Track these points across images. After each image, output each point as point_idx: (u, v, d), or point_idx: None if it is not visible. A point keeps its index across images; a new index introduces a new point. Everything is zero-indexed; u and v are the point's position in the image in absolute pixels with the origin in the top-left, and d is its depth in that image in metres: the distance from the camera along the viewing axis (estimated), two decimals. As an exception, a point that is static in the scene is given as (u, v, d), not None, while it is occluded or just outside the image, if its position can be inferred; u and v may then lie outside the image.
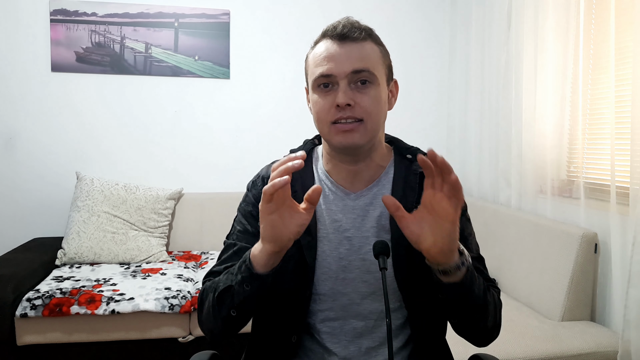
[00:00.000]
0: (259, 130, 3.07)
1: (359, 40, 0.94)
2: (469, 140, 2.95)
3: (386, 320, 0.77)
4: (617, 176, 1.83)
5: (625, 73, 1.86)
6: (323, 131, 0.97)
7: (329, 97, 0.93)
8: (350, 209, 0.99)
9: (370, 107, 0.92)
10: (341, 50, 0.93)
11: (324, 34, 0.97)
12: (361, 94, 0.92)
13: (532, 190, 2.35)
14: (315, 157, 1.07)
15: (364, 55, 0.93)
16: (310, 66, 0.98)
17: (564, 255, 1.95)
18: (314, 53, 0.97)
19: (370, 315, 0.98)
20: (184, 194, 2.89)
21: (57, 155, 2.86)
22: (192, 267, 2.55)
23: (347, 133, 0.92)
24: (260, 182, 1.05)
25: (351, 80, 0.92)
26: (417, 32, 3.21)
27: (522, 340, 1.75)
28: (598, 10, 2.05)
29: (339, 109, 0.91)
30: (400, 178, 1.01)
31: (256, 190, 1.05)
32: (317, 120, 0.97)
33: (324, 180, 1.02)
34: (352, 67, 0.92)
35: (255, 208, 1.02)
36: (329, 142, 0.97)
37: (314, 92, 0.96)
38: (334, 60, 0.92)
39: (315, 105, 0.96)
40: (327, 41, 0.95)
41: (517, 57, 2.39)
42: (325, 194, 1.01)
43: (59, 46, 2.81)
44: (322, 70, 0.93)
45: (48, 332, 2.05)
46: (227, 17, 2.97)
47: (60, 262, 2.50)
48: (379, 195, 1.00)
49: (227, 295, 0.89)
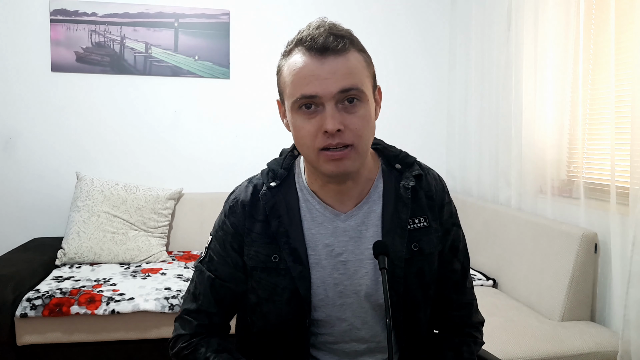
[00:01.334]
0: (258, 130, 3.07)
1: (342, 52, 0.83)
2: (469, 140, 2.94)
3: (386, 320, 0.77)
4: (617, 176, 1.83)
5: (625, 73, 1.86)
6: (310, 158, 0.87)
7: (313, 121, 0.83)
8: (341, 232, 0.93)
9: (361, 129, 0.84)
10: (324, 66, 0.82)
11: (300, 43, 0.85)
12: (350, 115, 0.83)
13: (532, 190, 2.35)
14: (297, 173, 0.97)
15: (350, 70, 0.83)
16: (287, 83, 0.86)
17: (564, 255, 1.95)
18: (289, 67, 0.85)
19: (372, 338, 0.96)
20: (184, 194, 2.89)
21: (57, 155, 2.86)
22: (192, 267, 2.55)
23: (337, 161, 0.84)
24: (239, 208, 0.96)
25: (338, 100, 0.83)
26: (417, 32, 3.21)
27: (522, 340, 1.75)
28: (598, 10, 2.05)
29: (327, 134, 0.82)
30: (391, 192, 0.94)
31: (235, 218, 0.96)
32: (301, 145, 0.87)
33: (310, 200, 0.94)
34: (339, 87, 0.82)
35: (236, 239, 0.95)
36: (317, 169, 0.88)
37: (295, 113, 0.86)
38: (318, 79, 0.82)
39: (298, 130, 0.86)
40: (305, 54, 0.83)
41: (517, 57, 2.39)
42: (313, 216, 0.94)
43: (59, 46, 2.81)
44: (305, 92, 0.82)
45: (48, 332, 2.05)
46: (227, 17, 2.97)
47: (60, 262, 2.50)
48: (370, 213, 0.94)
49: None
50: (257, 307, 0.96)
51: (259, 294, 0.95)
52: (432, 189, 0.98)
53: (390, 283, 0.90)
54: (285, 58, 0.88)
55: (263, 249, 0.93)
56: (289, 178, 0.97)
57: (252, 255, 0.94)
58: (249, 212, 0.95)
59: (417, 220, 0.94)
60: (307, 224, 0.94)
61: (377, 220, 0.94)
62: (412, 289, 0.94)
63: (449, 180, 3.23)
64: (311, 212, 0.94)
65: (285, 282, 0.92)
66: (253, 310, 0.97)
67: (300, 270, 0.92)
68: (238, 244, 0.95)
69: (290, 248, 0.91)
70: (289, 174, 0.97)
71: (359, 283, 0.93)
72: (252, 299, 0.97)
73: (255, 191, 0.96)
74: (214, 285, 0.97)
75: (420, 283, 0.95)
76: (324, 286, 0.93)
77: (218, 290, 0.97)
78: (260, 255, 0.93)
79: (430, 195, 0.97)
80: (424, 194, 0.97)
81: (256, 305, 0.96)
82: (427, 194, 0.97)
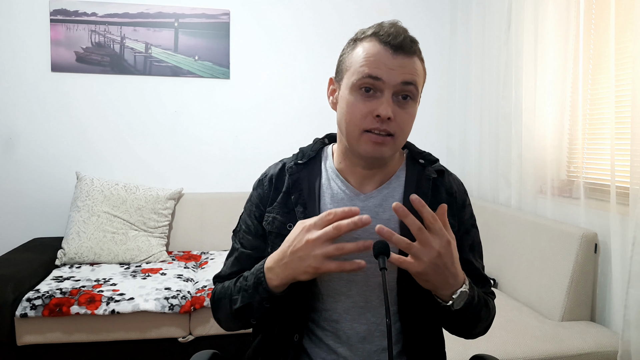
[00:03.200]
0: (258, 130, 3.07)
1: (412, 55, 0.92)
2: (469, 140, 2.95)
3: (386, 320, 0.77)
4: (617, 176, 1.83)
5: (625, 73, 1.86)
6: (352, 135, 0.93)
7: (368, 104, 0.90)
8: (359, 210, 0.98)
9: (405, 124, 0.92)
10: (395, 60, 0.89)
11: (376, 36, 0.91)
12: (401, 109, 0.90)
13: (532, 190, 2.35)
14: (324, 157, 1.05)
15: (414, 71, 0.91)
16: (353, 63, 0.92)
17: (564, 255, 1.95)
18: (364, 49, 0.91)
19: (373, 319, 0.97)
20: (184, 194, 2.90)
21: (57, 155, 2.86)
22: (192, 267, 2.55)
23: (377, 145, 0.90)
24: (267, 181, 1.04)
25: (396, 91, 0.90)
26: (417, 32, 3.17)
27: (522, 340, 1.75)
28: (598, 11, 2.05)
29: (378, 119, 0.89)
30: (413, 182, 1.00)
31: (262, 190, 1.04)
32: (348, 122, 0.92)
33: (334, 178, 1.01)
34: (402, 78, 0.89)
35: (259, 208, 1.03)
36: (355, 147, 0.93)
37: (352, 92, 0.91)
38: (386, 67, 0.89)
39: (350, 106, 0.91)
40: (379, 45, 0.90)
41: (517, 57, 2.39)
42: (333, 193, 0.99)
43: (59, 46, 2.81)
44: (373, 72, 0.89)
45: (48, 332, 2.05)
46: (227, 17, 2.97)
47: (60, 262, 2.50)
48: (389, 197, 0.98)
49: (247, 311, 0.94)
50: None
51: None
52: (454, 188, 1.03)
53: (400, 269, 0.94)
54: (356, 42, 0.94)
55: (280, 217, 0.99)
56: (315, 159, 1.05)
57: (270, 220, 1.01)
58: (275, 184, 1.03)
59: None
60: (325, 200, 0.99)
61: None
62: None
63: (449, 180, 3.23)
64: (332, 189, 1.00)
65: None
66: None
67: None
68: (260, 213, 1.03)
69: (305, 218, 0.94)
70: (316, 156, 1.05)
71: (368, 261, 0.92)
72: None
73: (283, 167, 1.05)
74: (240, 257, 1.04)
75: None
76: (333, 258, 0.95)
77: (243, 262, 1.03)
78: (277, 222, 0.99)
79: (451, 193, 1.02)
80: (444, 189, 1.02)
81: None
82: (447, 190, 1.02)
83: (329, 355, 0.97)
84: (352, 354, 0.96)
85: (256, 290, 0.90)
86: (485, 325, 1.01)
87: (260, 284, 0.89)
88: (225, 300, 0.98)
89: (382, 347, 0.97)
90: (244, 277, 0.96)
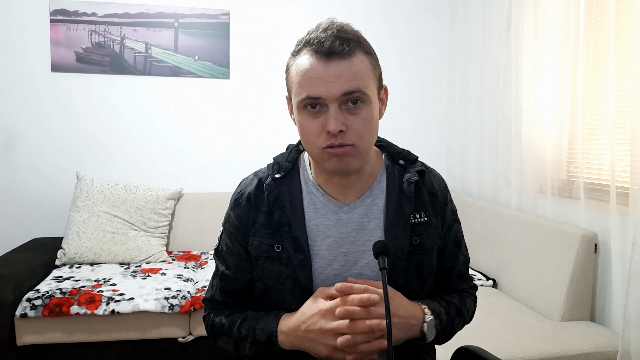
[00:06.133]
0: (258, 130, 3.07)
1: (347, 56, 0.86)
2: (469, 140, 2.94)
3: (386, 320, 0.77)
4: (617, 176, 1.83)
5: (625, 73, 1.86)
6: (314, 154, 0.92)
7: (317, 121, 0.87)
8: (344, 223, 0.96)
9: (362, 130, 0.87)
10: (329, 69, 0.85)
11: (308, 44, 0.88)
12: (353, 116, 0.87)
13: (532, 190, 2.35)
14: (302, 167, 1.02)
15: (354, 74, 0.86)
16: (293, 82, 0.90)
17: (564, 255, 1.95)
18: (297, 67, 0.89)
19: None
20: (183, 194, 2.89)
21: (57, 155, 2.86)
22: (192, 267, 2.55)
23: (340, 158, 0.88)
24: (244, 201, 1.00)
25: (341, 102, 0.86)
26: (417, 32, 3.21)
27: (522, 340, 1.75)
28: (598, 11, 2.05)
29: (330, 135, 0.86)
30: (394, 187, 0.98)
31: (239, 210, 1.00)
32: (306, 142, 0.91)
33: (314, 192, 0.98)
34: (342, 90, 0.85)
35: (239, 232, 0.99)
36: (321, 165, 0.92)
37: (300, 112, 0.89)
38: (322, 82, 0.85)
39: (303, 127, 0.90)
40: (312, 57, 0.87)
41: (517, 57, 2.39)
42: (316, 207, 0.97)
43: (59, 46, 2.81)
44: (310, 93, 0.86)
45: (48, 332, 2.05)
46: (227, 17, 2.97)
47: (60, 262, 2.50)
48: (373, 206, 0.97)
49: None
50: (266, 293, 1.00)
51: (266, 282, 0.99)
52: (435, 187, 1.02)
53: (391, 275, 0.94)
54: (293, 58, 0.92)
55: (266, 239, 0.97)
56: (293, 171, 1.01)
57: (255, 245, 0.98)
58: (254, 203, 0.99)
59: (418, 216, 0.98)
60: (309, 215, 0.97)
61: (380, 213, 0.97)
62: (411, 281, 0.97)
63: (449, 180, 3.23)
64: (314, 203, 0.98)
65: (287, 272, 0.95)
66: (263, 297, 1.01)
67: (301, 259, 0.94)
68: (242, 236, 0.99)
69: (292, 237, 0.95)
70: (293, 167, 1.01)
71: (359, 274, 0.95)
72: (260, 286, 1.00)
73: (260, 183, 1.00)
74: (224, 278, 1.03)
75: (419, 276, 0.98)
76: (323, 277, 0.95)
77: (228, 282, 1.03)
78: (264, 245, 0.97)
79: (433, 192, 1.01)
80: (426, 190, 1.01)
81: (265, 292, 1.00)
82: (429, 190, 1.01)
83: None
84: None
85: (268, 348, 0.92)
86: (463, 327, 1.06)
87: (273, 345, 0.91)
88: (229, 340, 0.99)
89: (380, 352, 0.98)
90: (252, 329, 0.95)
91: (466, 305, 1.05)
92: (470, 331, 1.81)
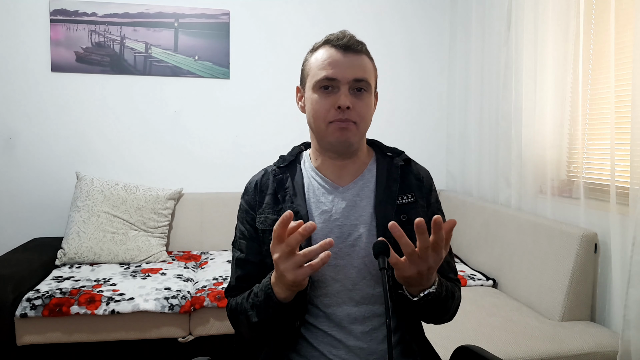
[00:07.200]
0: (258, 130, 3.07)
1: (359, 53, 1.06)
2: (469, 140, 2.94)
3: (386, 320, 0.78)
4: (617, 176, 1.83)
5: (625, 73, 1.86)
6: (319, 128, 1.06)
7: (329, 99, 1.04)
8: (339, 201, 1.10)
9: (364, 112, 1.05)
10: (345, 58, 1.04)
11: (328, 42, 1.07)
12: (358, 100, 1.04)
13: (532, 190, 2.35)
14: (302, 159, 1.18)
15: (364, 67, 1.06)
16: (312, 68, 1.07)
17: (564, 255, 1.95)
18: (316, 57, 1.07)
19: (363, 300, 1.05)
20: (184, 194, 2.90)
21: (57, 155, 2.86)
22: (192, 267, 2.55)
23: (342, 130, 1.04)
24: (252, 188, 1.15)
25: (351, 86, 1.04)
26: (417, 32, 3.21)
27: (522, 340, 1.75)
28: (598, 10, 2.05)
29: (339, 110, 1.02)
30: (383, 172, 1.13)
31: (248, 196, 1.14)
32: (315, 117, 1.06)
33: (313, 176, 1.13)
34: (354, 75, 1.03)
35: (249, 214, 1.13)
36: (324, 138, 1.07)
37: (315, 92, 1.06)
38: (339, 67, 1.03)
39: (315, 103, 1.05)
40: (331, 49, 1.05)
41: (517, 57, 2.39)
42: (314, 189, 1.11)
43: (59, 46, 2.81)
44: (327, 74, 1.03)
45: (48, 332, 2.05)
46: (227, 17, 2.97)
47: (60, 262, 2.50)
48: (364, 187, 1.11)
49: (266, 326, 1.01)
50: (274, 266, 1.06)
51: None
52: (421, 174, 1.17)
53: None
54: (312, 53, 1.10)
55: (271, 215, 1.09)
56: (295, 161, 1.17)
57: (262, 220, 1.10)
58: (260, 188, 1.14)
59: (405, 197, 1.11)
60: (309, 194, 1.11)
61: (371, 193, 1.11)
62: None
63: (449, 180, 3.23)
64: (314, 185, 1.12)
65: None
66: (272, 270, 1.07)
67: None
68: (251, 217, 1.13)
69: (294, 211, 1.06)
70: (295, 159, 1.18)
71: (352, 244, 1.06)
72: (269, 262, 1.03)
73: (266, 173, 1.17)
74: (241, 263, 1.12)
75: None
76: None
77: (243, 267, 1.12)
78: (269, 220, 1.09)
79: (419, 178, 1.15)
80: (413, 176, 1.15)
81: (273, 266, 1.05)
82: (416, 176, 1.15)
83: (325, 338, 1.05)
84: (345, 335, 1.04)
85: (268, 305, 0.97)
86: (452, 313, 1.10)
87: (271, 298, 0.96)
88: (242, 317, 1.05)
89: (373, 328, 1.05)
90: (255, 293, 1.02)
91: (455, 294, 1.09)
92: (470, 331, 1.81)
